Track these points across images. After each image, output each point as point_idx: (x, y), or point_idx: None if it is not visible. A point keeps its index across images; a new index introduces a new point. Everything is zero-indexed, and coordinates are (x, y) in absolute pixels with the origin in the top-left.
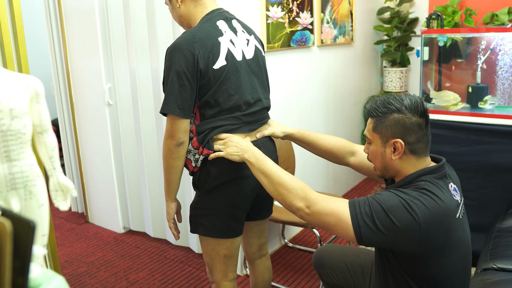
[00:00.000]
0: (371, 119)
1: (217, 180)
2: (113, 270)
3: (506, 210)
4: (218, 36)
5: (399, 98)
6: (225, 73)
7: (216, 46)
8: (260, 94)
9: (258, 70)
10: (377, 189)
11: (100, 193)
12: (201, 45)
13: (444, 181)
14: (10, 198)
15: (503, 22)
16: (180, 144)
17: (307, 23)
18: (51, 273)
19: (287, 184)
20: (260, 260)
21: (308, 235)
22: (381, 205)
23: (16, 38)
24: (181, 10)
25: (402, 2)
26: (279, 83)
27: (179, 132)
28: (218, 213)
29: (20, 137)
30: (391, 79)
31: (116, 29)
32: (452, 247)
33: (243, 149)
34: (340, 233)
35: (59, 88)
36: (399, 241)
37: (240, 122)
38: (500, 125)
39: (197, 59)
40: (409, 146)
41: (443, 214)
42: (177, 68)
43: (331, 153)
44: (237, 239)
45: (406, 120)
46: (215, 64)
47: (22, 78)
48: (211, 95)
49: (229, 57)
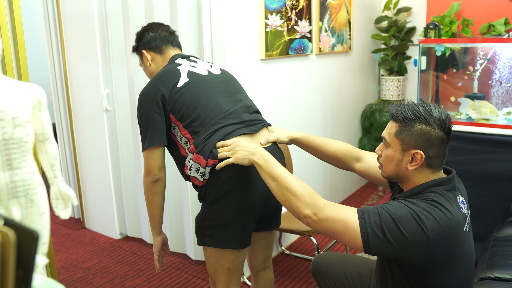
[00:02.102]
0: (395, 123)
1: (224, 188)
2: (110, 276)
3: (503, 219)
4: (177, 66)
5: (428, 109)
6: (192, 86)
7: (176, 73)
8: (239, 96)
9: (232, 80)
10: (374, 197)
11: (97, 199)
12: (162, 79)
13: (453, 193)
14: (11, 207)
15: (499, 33)
16: (157, 181)
17: (306, 32)
18: (53, 282)
19: (295, 190)
20: (264, 272)
21: (305, 243)
22: (390, 215)
23: (16, 44)
24: (152, 67)
25: (400, 11)
26: (277, 90)
27: (154, 169)
28: (226, 223)
29: (22, 145)
30: (388, 87)
31: (114, 35)
32: (458, 260)
33: (252, 151)
34: (348, 241)
35: (57, 93)
36: (407, 252)
37: (234, 123)
38: (497, 135)
39: (161, 92)
40: (428, 159)
41: (452, 227)
42: (147, 107)
43: (337, 158)
44: (243, 252)
45: (432, 134)
46: (178, 84)
47: (25, 87)
48: (187, 109)
49: (191, 75)
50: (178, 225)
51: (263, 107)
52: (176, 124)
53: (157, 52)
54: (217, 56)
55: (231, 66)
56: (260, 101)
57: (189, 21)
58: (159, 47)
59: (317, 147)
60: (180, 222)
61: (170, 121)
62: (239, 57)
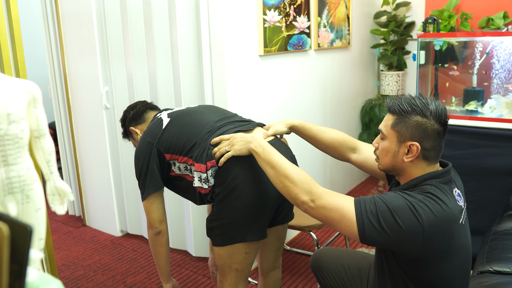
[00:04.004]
0: (392, 116)
1: (232, 183)
2: (110, 273)
3: (503, 213)
4: (158, 117)
5: (425, 101)
6: (175, 120)
7: (158, 121)
8: (225, 111)
9: (215, 107)
10: (374, 192)
11: (97, 196)
12: (148, 132)
13: (449, 186)
14: (7, 202)
15: (498, 26)
16: (158, 233)
17: (304, 27)
18: (48, 276)
19: (293, 176)
20: (274, 272)
21: (305, 238)
22: (387, 205)
23: (13, 42)
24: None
25: (398, 6)
26: (276, 87)
27: (155, 222)
28: (236, 219)
29: (17, 141)
30: (387, 82)
31: (113, 33)
32: (454, 252)
33: (249, 140)
34: (344, 230)
35: (56, 91)
36: (402, 243)
37: (225, 125)
38: (496, 129)
39: (150, 142)
40: (424, 151)
41: (447, 219)
42: (141, 161)
43: (332, 147)
44: (251, 254)
45: (428, 125)
46: (163, 126)
47: (20, 83)
48: (177, 139)
49: (171, 113)
50: (179, 221)
51: (262, 104)
52: (173, 159)
53: (141, 123)
54: (215, 53)
55: (229, 63)
56: (258, 97)
57: (187, 18)
58: (142, 116)
59: (313, 135)
60: (181, 219)
61: (167, 162)
62: (238, 53)
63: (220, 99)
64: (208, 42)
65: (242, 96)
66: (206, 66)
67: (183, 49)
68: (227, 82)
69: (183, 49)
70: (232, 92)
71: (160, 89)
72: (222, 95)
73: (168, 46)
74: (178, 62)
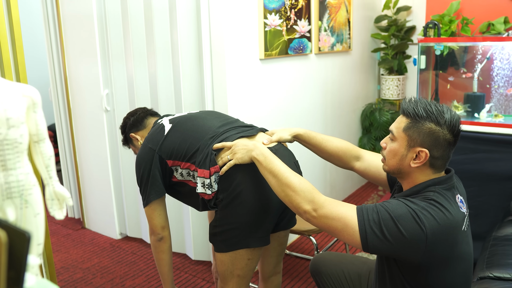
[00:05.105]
0: (405, 118)
1: (236, 190)
2: (109, 276)
3: (503, 219)
4: (159, 123)
5: (441, 109)
6: (178, 126)
7: (159, 128)
8: (227, 117)
9: (216, 112)
10: (374, 197)
11: (97, 199)
12: (150, 139)
13: (452, 192)
14: (5, 207)
15: (499, 32)
16: (161, 239)
17: (305, 31)
18: (46, 282)
19: (295, 185)
20: (275, 277)
21: (304, 243)
22: (389, 213)
23: (14, 43)
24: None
25: (399, 10)
26: (276, 90)
27: (157, 228)
28: (239, 225)
29: (16, 146)
30: (388, 86)
31: (114, 35)
32: (456, 259)
33: (251, 148)
34: (346, 239)
35: (56, 93)
36: (404, 251)
37: (228, 131)
38: (496, 134)
39: (152, 149)
40: (432, 159)
41: (450, 227)
42: (142, 167)
43: (336, 156)
44: (253, 260)
45: (440, 134)
46: (165, 132)
47: (19, 87)
48: (180, 145)
49: (173, 119)
50: (178, 224)
51: (263, 107)
52: (175, 165)
53: (142, 129)
54: (216, 56)
55: (230, 66)
56: (259, 101)
57: (188, 21)
58: (142, 123)
59: (317, 144)
60: (180, 222)
61: (169, 168)
62: (238, 56)
63: (220, 102)
64: (208, 45)
65: (242, 100)
66: (207, 69)
67: (184, 52)
68: (227, 85)
69: (183, 52)
70: (233, 95)
71: (161, 92)
72: (223, 98)
73: (169, 49)
74: (179, 65)
